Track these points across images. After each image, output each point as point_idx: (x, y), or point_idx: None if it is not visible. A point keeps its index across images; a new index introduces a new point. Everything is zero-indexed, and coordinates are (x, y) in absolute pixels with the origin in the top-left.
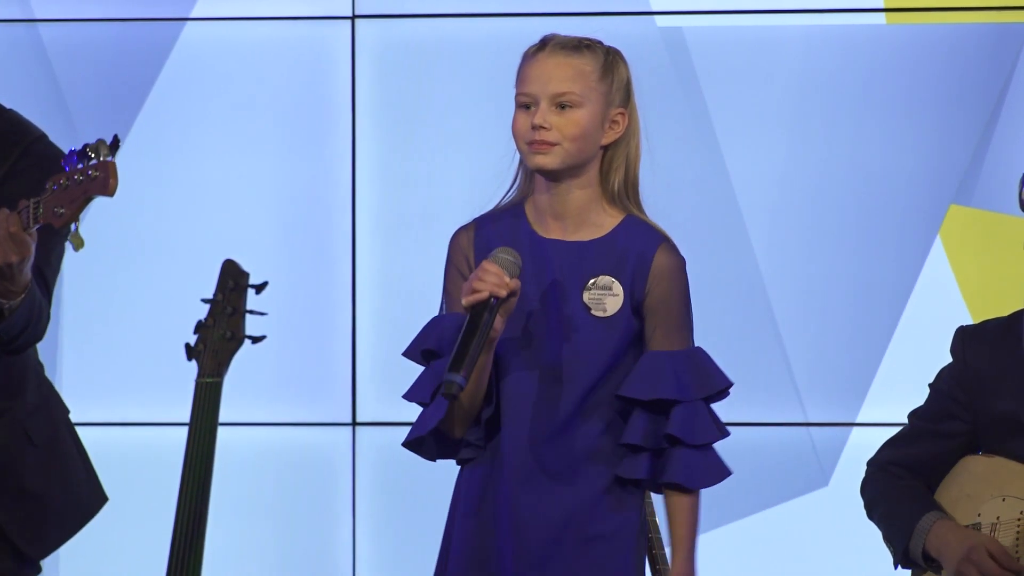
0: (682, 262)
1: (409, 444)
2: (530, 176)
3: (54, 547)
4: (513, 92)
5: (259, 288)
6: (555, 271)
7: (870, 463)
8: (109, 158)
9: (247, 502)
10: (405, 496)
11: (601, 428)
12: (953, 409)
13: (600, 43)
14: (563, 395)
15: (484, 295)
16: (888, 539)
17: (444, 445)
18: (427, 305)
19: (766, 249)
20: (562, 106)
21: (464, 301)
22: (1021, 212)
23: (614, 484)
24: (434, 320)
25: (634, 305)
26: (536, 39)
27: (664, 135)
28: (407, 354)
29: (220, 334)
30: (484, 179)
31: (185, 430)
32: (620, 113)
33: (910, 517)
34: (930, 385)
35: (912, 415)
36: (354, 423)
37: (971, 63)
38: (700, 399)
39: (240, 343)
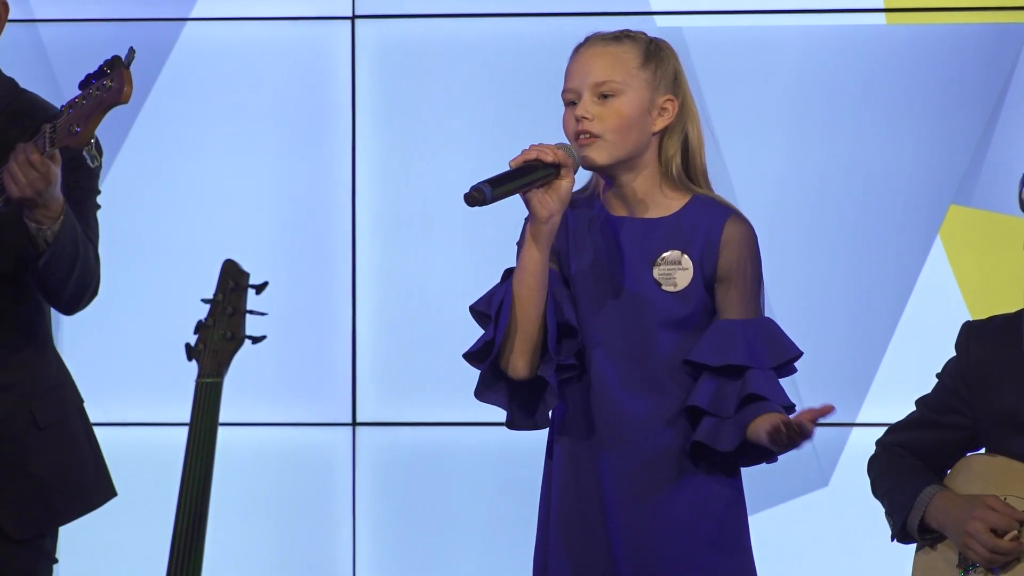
0: (753, 233)
1: (482, 397)
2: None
3: (41, 530)
4: (518, 93)
5: (259, 288)
6: (625, 248)
7: (878, 443)
8: (125, 68)
9: (247, 502)
10: (405, 496)
11: (682, 399)
12: (956, 404)
13: (643, 34)
14: (643, 371)
15: (532, 155)
16: (889, 512)
17: (520, 393)
18: (427, 305)
19: (766, 249)
20: (604, 96)
21: (512, 161)
22: (1021, 212)
23: (700, 458)
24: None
25: (705, 278)
26: (536, 39)
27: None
28: (472, 310)
29: (220, 334)
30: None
31: (185, 430)
32: (669, 100)
33: (912, 490)
34: (936, 375)
35: (919, 401)
36: (354, 423)
37: (971, 63)
38: (771, 368)
39: (240, 343)
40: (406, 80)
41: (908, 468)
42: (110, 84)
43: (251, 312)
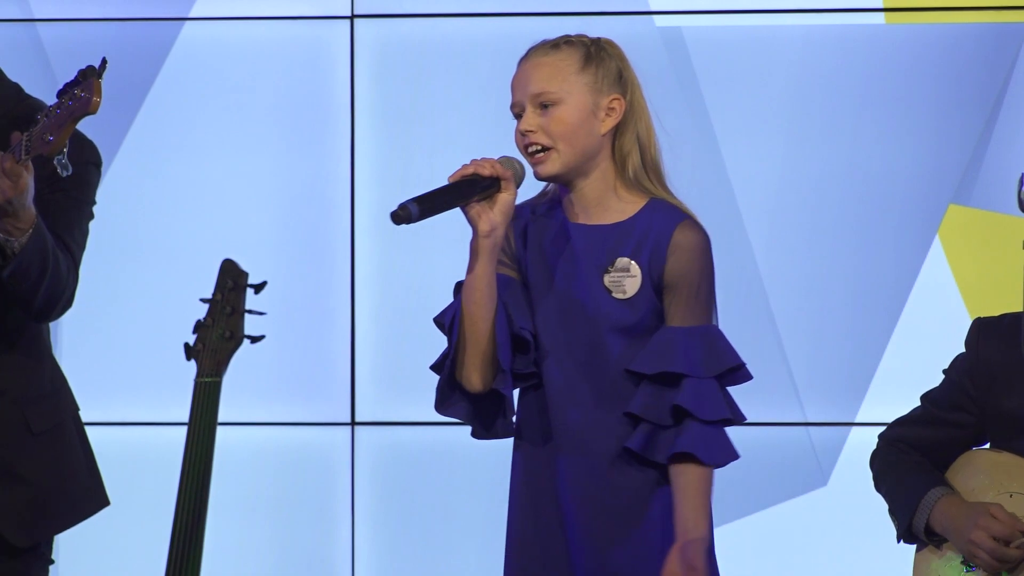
0: (703, 239)
1: (442, 410)
2: None
3: (40, 537)
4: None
5: (258, 288)
6: (580, 255)
7: (880, 436)
8: (95, 78)
9: (246, 502)
10: (404, 496)
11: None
12: (961, 400)
13: (583, 37)
14: (597, 379)
15: (469, 170)
16: (892, 512)
17: (478, 406)
18: (426, 305)
19: (765, 248)
20: (544, 106)
21: (450, 177)
22: (1020, 212)
23: (656, 464)
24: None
25: (654, 284)
26: (535, 39)
27: (662, 135)
28: (435, 322)
29: (219, 334)
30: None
31: (184, 430)
32: (615, 99)
33: (915, 491)
34: (944, 371)
35: (924, 397)
36: (353, 423)
37: (970, 63)
38: (711, 377)
39: (239, 343)
40: (405, 80)
41: (912, 466)
42: (80, 93)
43: (250, 311)
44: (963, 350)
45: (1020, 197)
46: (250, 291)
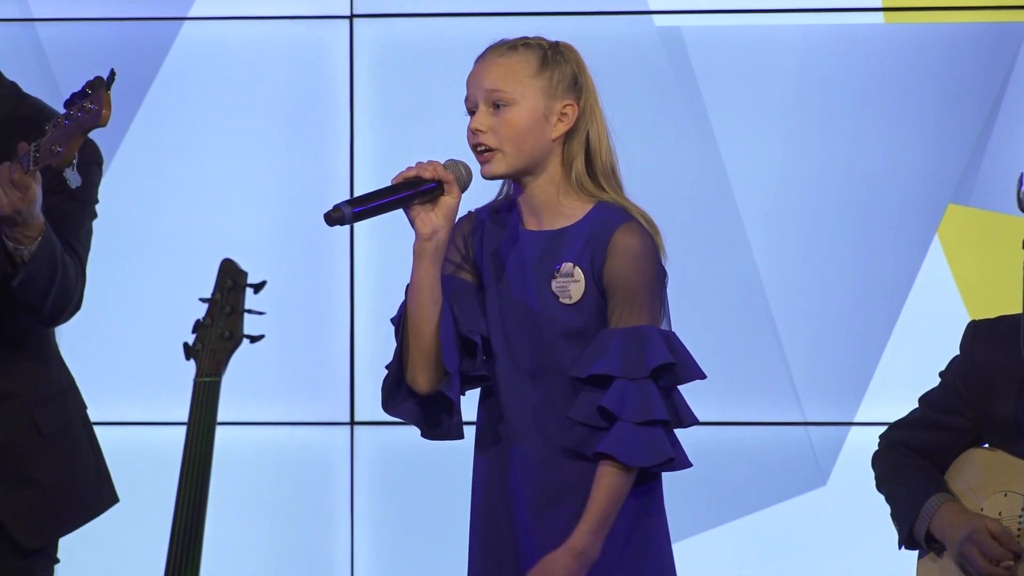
0: (644, 241)
1: (389, 411)
2: None
3: (50, 538)
4: None
5: (257, 287)
6: (530, 261)
7: (881, 437)
8: (105, 91)
9: (245, 501)
10: (403, 495)
11: None
12: (957, 404)
13: (543, 40)
14: (548, 384)
15: (411, 173)
16: (894, 517)
17: (426, 407)
18: None
19: (764, 248)
20: (496, 105)
21: (392, 179)
22: (1019, 211)
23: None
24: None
25: (599, 287)
26: (542, 37)
27: (662, 134)
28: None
29: (218, 333)
30: (482, 178)
31: (183, 429)
32: (568, 105)
33: (916, 498)
34: (940, 373)
35: (921, 399)
36: (352, 422)
37: (969, 62)
38: (645, 377)
39: (238, 342)
40: (404, 79)
41: (913, 472)
42: (90, 106)
43: (249, 311)
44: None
45: (1019, 196)
46: (249, 291)
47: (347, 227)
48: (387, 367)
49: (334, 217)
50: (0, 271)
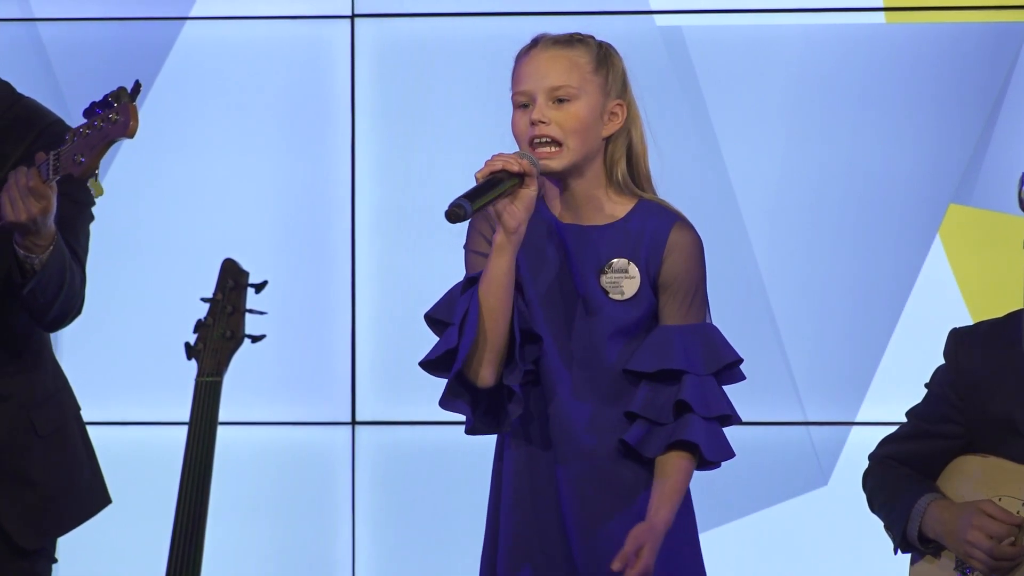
0: (697, 239)
1: (448, 405)
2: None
3: (48, 539)
4: (509, 93)
5: (259, 287)
6: (573, 255)
7: (870, 457)
8: (130, 101)
9: (247, 501)
10: (404, 495)
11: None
12: (946, 411)
13: (592, 37)
14: (595, 378)
15: (497, 166)
16: (888, 526)
17: (478, 401)
18: (426, 304)
19: (765, 248)
20: (559, 100)
21: (478, 174)
22: (1020, 211)
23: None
24: (449, 290)
25: (652, 284)
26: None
27: (663, 134)
28: (428, 318)
29: (220, 333)
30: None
31: (185, 429)
32: (618, 104)
33: (906, 501)
34: (925, 385)
35: (909, 413)
36: (353, 422)
37: (970, 62)
38: (710, 374)
39: (240, 342)
40: (405, 79)
41: (903, 479)
42: (116, 118)
43: (250, 311)
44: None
45: (1021, 196)
46: (251, 290)
47: (348, 226)
48: (426, 363)
49: (458, 214)
50: (8, 279)
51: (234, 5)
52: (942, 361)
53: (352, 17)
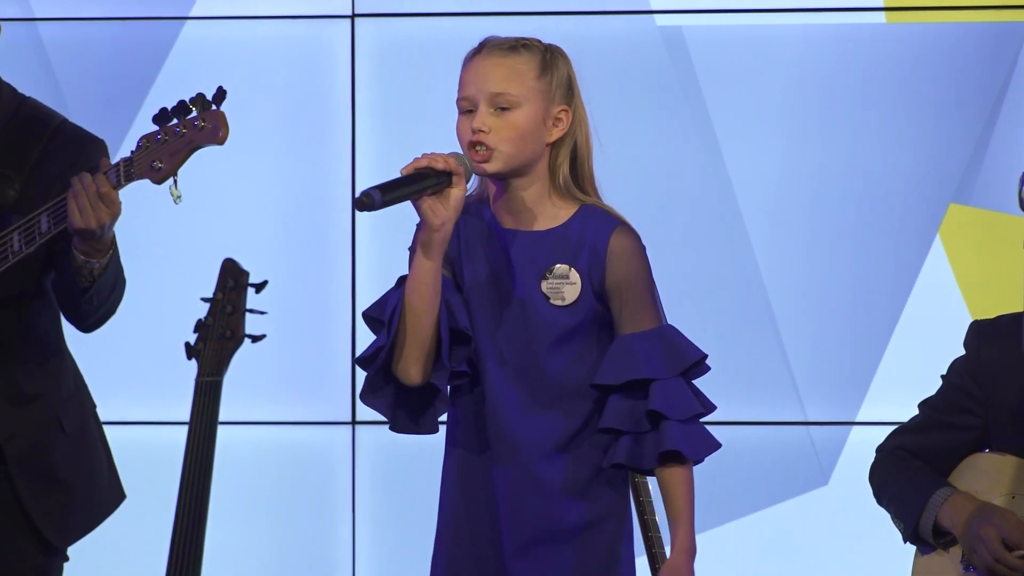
0: (638, 243)
1: (367, 400)
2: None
3: (77, 537)
4: None
5: (259, 287)
6: (515, 261)
7: (879, 449)
8: (216, 108)
9: (247, 501)
10: (404, 494)
11: (576, 415)
12: (965, 403)
13: (538, 41)
14: (533, 382)
15: (423, 163)
16: (898, 515)
17: (407, 399)
18: None
19: (766, 248)
20: (500, 108)
21: (402, 169)
22: (1020, 211)
23: (594, 473)
24: (386, 291)
25: (595, 290)
26: (536, 38)
27: (663, 134)
28: (365, 316)
29: (220, 333)
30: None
31: (185, 429)
32: (563, 110)
33: (922, 493)
34: (942, 376)
35: (923, 404)
36: (354, 422)
37: (971, 62)
38: (677, 375)
39: (240, 342)
40: (406, 79)
41: (917, 471)
42: (203, 124)
43: (251, 311)
44: (961, 352)
45: (1021, 196)
46: (251, 290)
47: (349, 226)
48: (361, 360)
49: (364, 202)
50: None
51: (234, 5)
52: (944, 359)
53: (352, 17)
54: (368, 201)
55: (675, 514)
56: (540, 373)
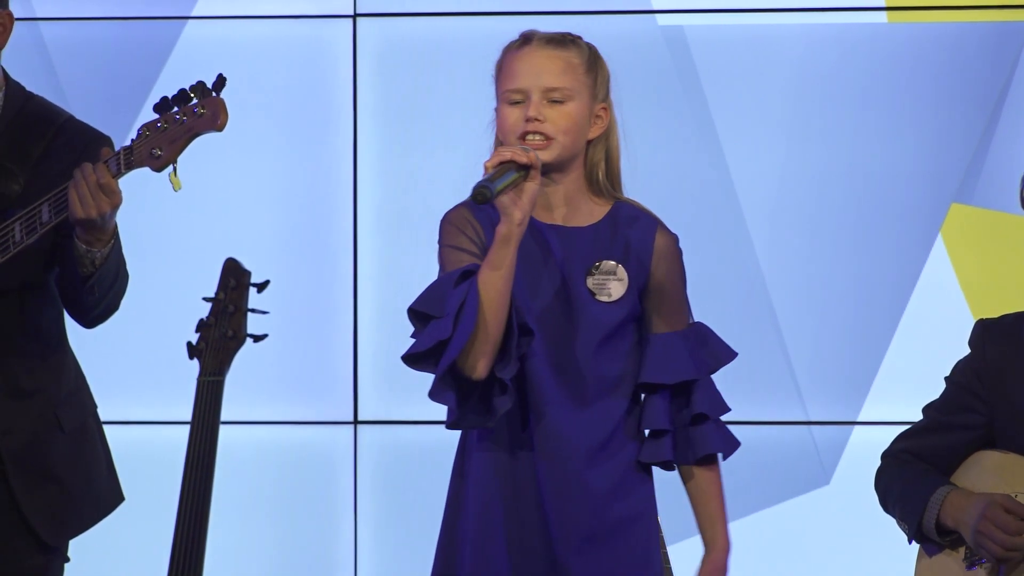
0: (677, 241)
1: (437, 397)
2: None
3: (71, 536)
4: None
5: (261, 286)
6: (558, 255)
7: (883, 455)
8: (215, 95)
9: (249, 501)
10: (406, 494)
11: (615, 412)
12: (970, 401)
13: (581, 38)
14: (575, 377)
15: (506, 155)
16: (903, 516)
17: (468, 394)
18: None
19: (767, 247)
20: (554, 101)
21: (487, 163)
22: (1022, 210)
23: (633, 468)
24: (433, 284)
25: (639, 288)
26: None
27: (665, 134)
28: (412, 312)
29: (222, 332)
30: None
31: (187, 429)
32: (603, 108)
33: (925, 491)
34: (946, 378)
35: (927, 408)
36: (356, 421)
37: (972, 62)
38: (709, 374)
39: (242, 342)
40: (408, 78)
41: (920, 472)
42: (202, 111)
43: (252, 310)
44: (965, 352)
45: (1022, 196)
46: (253, 290)
47: (351, 226)
48: (409, 357)
49: (484, 195)
50: (35, 274)
51: (236, 4)
52: (945, 359)
53: (354, 16)
54: (487, 194)
55: (712, 513)
56: (583, 369)
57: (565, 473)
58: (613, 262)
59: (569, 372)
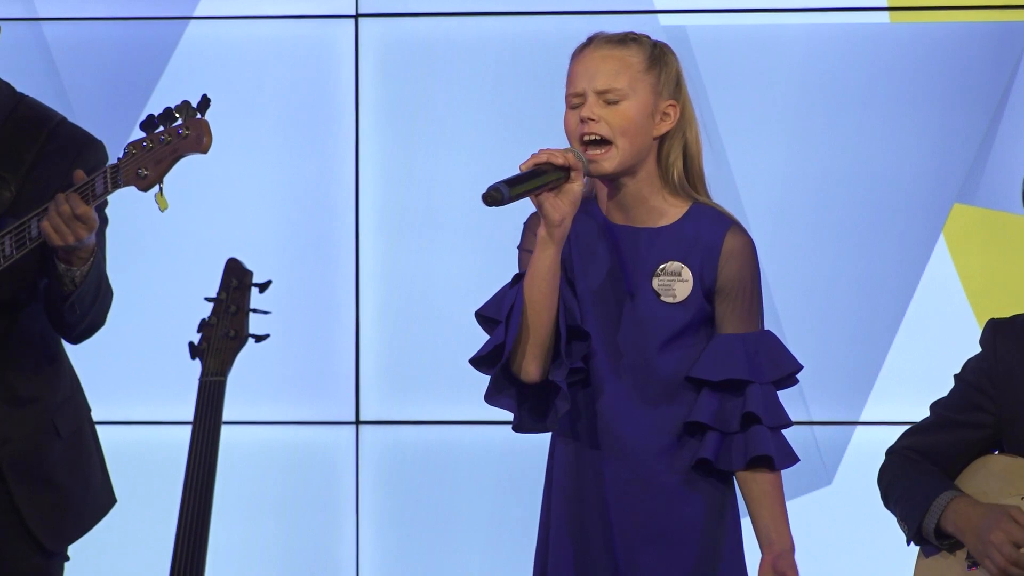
0: (752, 244)
1: (493, 401)
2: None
3: (70, 540)
4: (522, 91)
5: (263, 287)
6: (626, 257)
7: (888, 452)
8: (200, 116)
9: (251, 501)
10: (408, 494)
11: (682, 413)
12: (979, 401)
13: (647, 37)
14: (643, 379)
15: (542, 158)
16: (903, 517)
17: (524, 397)
18: (430, 303)
19: (769, 247)
20: (609, 102)
21: (522, 165)
22: None
23: (700, 470)
24: (500, 289)
25: (705, 289)
26: (540, 38)
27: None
28: (479, 316)
29: (224, 333)
30: (488, 177)
31: (189, 429)
32: (671, 105)
33: (928, 494)
34: (956, 376)
35: (935, 405)
36: (357, 421)
37: (975, 62)
38: (770, 382)
39: (243, 342)
40: (410, 78)
41: (924, 473)
42: (187, 132)
43: (254, 310)
44: (973, 352)
45: None
46: (255, 290)
47: (353, 226)
48: (475, 360)
49: (495, 197)
50: (33, 285)
51: (238, 5)
52: (947, 359)
53: (356, 17)
54: (498, 196)
55: (773, 516)
56: (650, 370)
57: (629, 474)
58: (678, 263)
59: (634, 373)
